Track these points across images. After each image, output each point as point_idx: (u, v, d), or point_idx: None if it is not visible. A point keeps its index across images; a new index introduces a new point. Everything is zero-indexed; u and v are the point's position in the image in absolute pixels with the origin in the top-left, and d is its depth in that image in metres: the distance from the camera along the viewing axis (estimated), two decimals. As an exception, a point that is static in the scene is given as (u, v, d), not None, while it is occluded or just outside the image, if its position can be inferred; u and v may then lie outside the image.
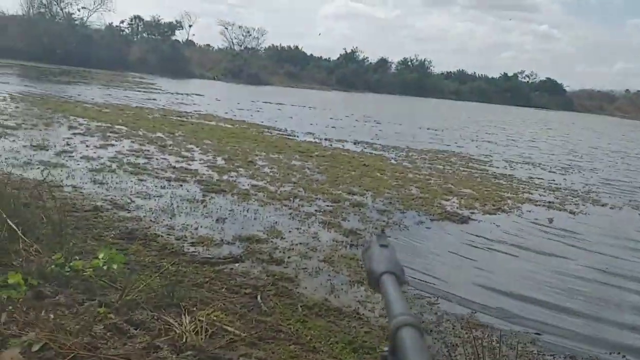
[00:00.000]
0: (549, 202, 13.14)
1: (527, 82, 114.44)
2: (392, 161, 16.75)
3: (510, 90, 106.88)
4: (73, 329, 3.50)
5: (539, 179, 16.68)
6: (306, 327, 4.94)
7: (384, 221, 9.44)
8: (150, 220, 7.78)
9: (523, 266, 8.20)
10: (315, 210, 9.56)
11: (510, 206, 12.04)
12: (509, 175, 16.72)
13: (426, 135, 27.66)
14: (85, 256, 5.32)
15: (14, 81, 30.98)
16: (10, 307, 3.51)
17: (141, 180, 10.18)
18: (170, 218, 8.02)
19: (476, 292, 6.78)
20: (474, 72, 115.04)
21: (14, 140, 12.36)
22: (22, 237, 5.02)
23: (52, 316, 3.44)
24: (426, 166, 16.47)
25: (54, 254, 4.79)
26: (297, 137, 20.23)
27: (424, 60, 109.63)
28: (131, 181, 10.01)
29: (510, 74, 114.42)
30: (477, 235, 9.41)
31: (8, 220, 5.19)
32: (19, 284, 3.94)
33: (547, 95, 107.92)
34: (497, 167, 18.16)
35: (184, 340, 3.90)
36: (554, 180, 16.62)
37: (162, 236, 7.09)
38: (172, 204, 8.77)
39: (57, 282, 4.43)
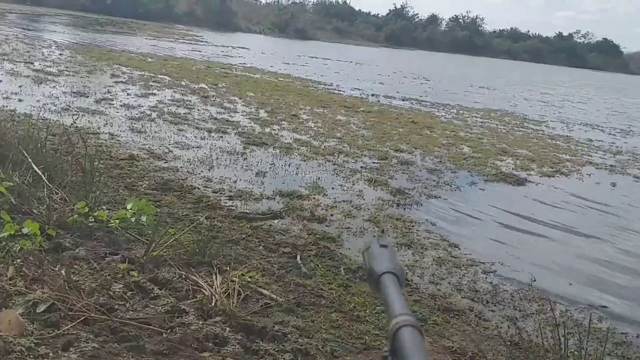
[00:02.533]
0: (611, 165, 12.30)
1: (583, 42, 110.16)
2: (442, 119, 15.97)
3: (565, 51, 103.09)
4: (88, 287, 3.10)
5: (598, 140, 15.72)
6: (349, 293, 4.48)
7: (433, 180, 8.85)
8: (188, 171, 7.40)
9: (586, 231, 7.53)
10: (361, 167, 9.04)
11: (569, 168, 11.26)
12: (566, 136, 15.79)
13: (478, 93, 26.56)
14: (114, 206, 4.96)
15: (61, 29, 30.97)
16: (19, 260, 3.13)
17: (181, 130, 9.82)
18: (209, 170, 7.63)
19: (536, 261, 6.19)
20: (528, 31, 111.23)
21: (54, 87, 12.12)
22: (47, 183, 4.66)
23: (63, 272, 3.04)
24: (478, 125, 15.66)
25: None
26: (343, 92, 19.55)
27: (476, 17, 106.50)
28: (170, 131, 9.65)
29: (565, 33, 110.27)
30: (535, 199, 8.76)
31: (33, 164, 4.85)
32: (35, 234, 3.57)
33: (603, 56, 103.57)
34: (554, 128, 17.18)
35: (213, 303, 3.48)
36: (614, 144, 15.64)
37: (198, 188, 6.70)
38: (211, 155, 8.38)
39: (79, 233, 4.05)
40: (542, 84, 40.98)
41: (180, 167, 7.54)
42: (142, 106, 11.37)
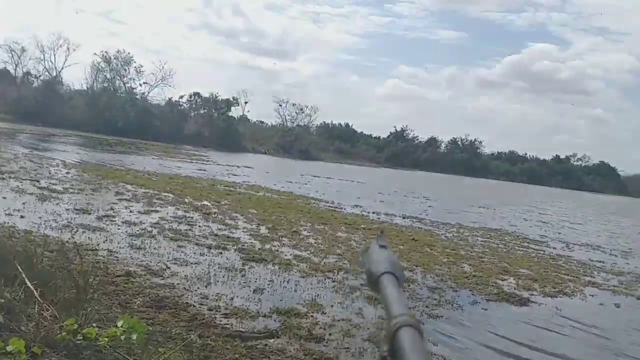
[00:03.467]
0: (614, 286, 12.13)
1: (580, 165, 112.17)
2: (443, 237, 15.97)
3: (563, 173, 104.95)
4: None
5: (599, 261, 15.59)
6: (346, 418, 4.26)
7: (435, 299, 8.69)
8: (184, 288, 7.30)
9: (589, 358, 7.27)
10: (361, 284, 8.88)
11: (572, 289, 11.09)
12: (568, 256, 15.68)
13: (477, 213, 26.76)
14: (105, 324, 4.84)
15: (70, 149, 31.87)
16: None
17: (180, 246, 9.80)
18: (206, 287, 7.52)
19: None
20: (525, 154, 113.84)
21: (57, 204, 12.26)
22: (39, 299, 4.59)
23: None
24: (479, 244, 15.61)
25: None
26: (344, 209, 19.72)
27: (474, 140, 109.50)
28: (170, 247, 9.63)
29: (562, 156, 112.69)
30: (538, 322, 8.54)
31: (26, 280, 4.79)
32: (20, 352, 3.46)
33: (601, 179, 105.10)
34: (554, 248, 17.13)
35: None
36: (616, 264, 15.51)
37: (193, 305, 6.58)
38: (209, 272, 8.29)
39: (65, 352, 3.93)
40: (541, 205, 41.33)
41: (177, 283, 7.45)
42: (144, 223, 11.43)
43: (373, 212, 19.86)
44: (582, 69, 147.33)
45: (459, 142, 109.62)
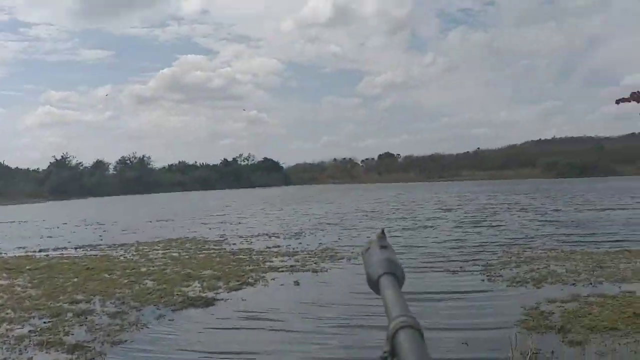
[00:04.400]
0: (291, 265, 13.04)
1: (247, 164, 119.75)
2: (121, 259, 15.18)
3: (232, 174, 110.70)
4: None
5: (276, 247, 16.68)
6: None
7: (117, 324, 8.08)
8: None
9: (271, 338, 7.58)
10: (29, 331, 7.80)
11: (254, 278, 11.56)
12: (248, 249, 16.42)
13: (155, 227, 26.41)
14: None
15: None
16: None
17: None
18: None
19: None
20: (195, 162, 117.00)
21: None
22: None
23: None
24: (160, 256, 15.28)
25: None
26: (5, 253, 17.38)
27: (143, 157, 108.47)
28: None
29: (230, 159, 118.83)
30: (224, 318, 8.59)
31: None
32: None
33: (267, 174, 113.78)
34: (234, 244, 17.79)
35: None
36: (290, 246, 16.76)
37: None
38: None
39: None
40: (216, 208, 42.75)
41: None
42: None
43: (40, 250, 17.95)
44: (231, 75, 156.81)
45: (128, 161, 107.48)
